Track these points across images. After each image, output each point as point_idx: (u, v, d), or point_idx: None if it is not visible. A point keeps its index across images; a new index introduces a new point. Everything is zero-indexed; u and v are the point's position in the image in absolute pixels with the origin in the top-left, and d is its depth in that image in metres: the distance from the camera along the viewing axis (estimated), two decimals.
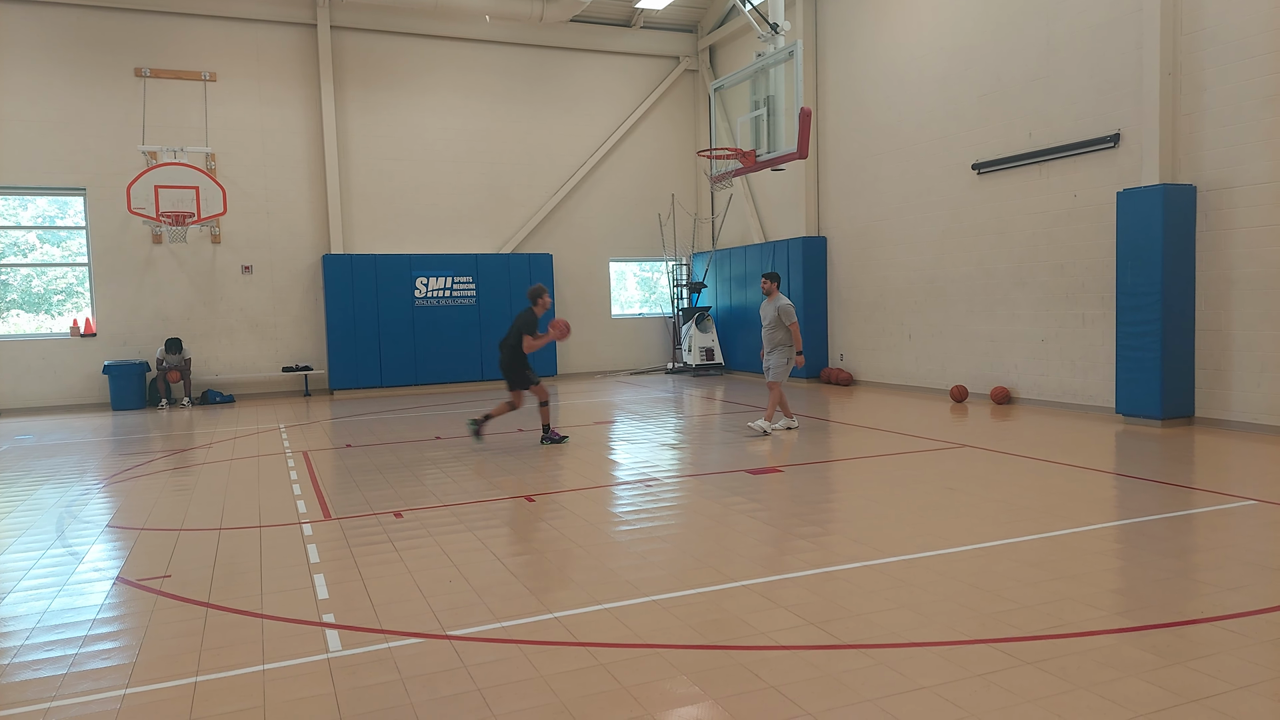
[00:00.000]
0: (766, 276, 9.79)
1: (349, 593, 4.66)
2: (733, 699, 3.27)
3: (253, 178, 15.61)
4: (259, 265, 15.74)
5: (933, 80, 12.72)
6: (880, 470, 7.61)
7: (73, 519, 6.64)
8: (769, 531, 5.73)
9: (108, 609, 4.55)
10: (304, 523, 6.26)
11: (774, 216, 16.78)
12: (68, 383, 14.67)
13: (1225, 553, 4.97)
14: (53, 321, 14.99)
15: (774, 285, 9.74)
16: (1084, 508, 6.05)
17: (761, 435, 9.57)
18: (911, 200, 13.29)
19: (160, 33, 14.93)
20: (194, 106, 15.15)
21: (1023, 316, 11.42)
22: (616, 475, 7.84)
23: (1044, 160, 10.92)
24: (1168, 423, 9.29)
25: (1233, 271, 8.95)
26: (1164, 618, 3.96)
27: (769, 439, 9.36)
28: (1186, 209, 9.22)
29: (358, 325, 15.81)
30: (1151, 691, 3.24)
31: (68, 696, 3.49)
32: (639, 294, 19.34)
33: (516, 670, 3.59)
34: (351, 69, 16.17)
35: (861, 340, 14.67)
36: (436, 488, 7.34)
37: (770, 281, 9.75)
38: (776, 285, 9.76)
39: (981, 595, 4.31)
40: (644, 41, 18.22)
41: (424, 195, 16.81)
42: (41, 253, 14.99)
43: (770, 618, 4.08)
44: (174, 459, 9.39)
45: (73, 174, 14.52)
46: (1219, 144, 9.00)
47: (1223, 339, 9.09)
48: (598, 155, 18.00)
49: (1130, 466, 7.52)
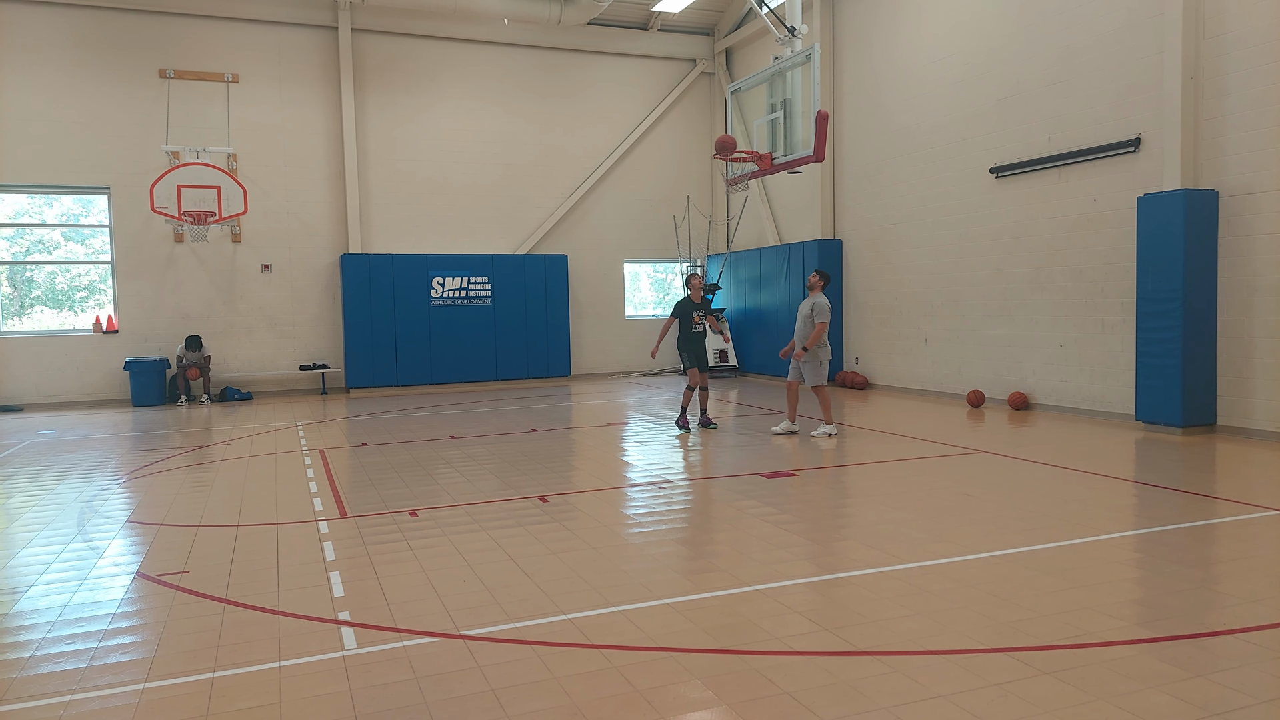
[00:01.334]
0: (818, 272, 9.71)
1: (364, 591, 4.68)
2: (746, 704, 3.27)
3: (273, 178, 15.74)
4: (278, 264, 15.87)
5: (950, 83, 12.65)
6: (896, 475, 7.57)
7: (93, 514, 6.72)
8: (783, 536, 5.71)
9: (127, 604, 4.60)
10: (320, 520, 6.30)
11: (790, 219, 16.74)
12: (89, 379, 14.84)
13: (1247, 563, 4.91)
14: (76, 318, 15.18)
15: (822, 283, 9.65)
16: (1103, 516, 5.99)
17: (827, 437, 9.53)
18: (929, 203, 13.23)
19: (183, 34, 15.09)
20: (216, 107, 15.30)
21: (1041, 322, 11.33)
22: (630, 477, 7.84)
23: (1063, 164, 10.83)
24: (1188, 430, 9.19)
25: (1256, 278, 8.84)
26: (1185, 629, 3.91)
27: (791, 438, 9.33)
28: (1208, 214, 9.12)
29: (374, 324, 15.90)
30: (1172, 704, 3.20)
31: (88, 690, 3.53)
32: (653, 295, 19.34)
33: (530, 671, 3.59)
34: (371, 71, 16.28)
35: (877, 344, 14.60)
36: (451, 487, 7.37)
37: (819, 278, 9.66)
38: (825, 284, 9.69)
39: (999, 603, 4.27)
40: (661, 44, 18.23)
41: (441, 196, 16.89)
42: (65, 250, 15.18)
43: (784, 623, 4.07)
44: (193, 455, 9.48)
45: (97, 173, 14.69)
46: (1242, 149, 8.90)
47: (1245, 346, 8.98)
48: (614, 157, 18.03)
49: (1150, 474, 7.44)
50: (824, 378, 9.64)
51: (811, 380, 9.63)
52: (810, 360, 9.59)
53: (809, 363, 9.61)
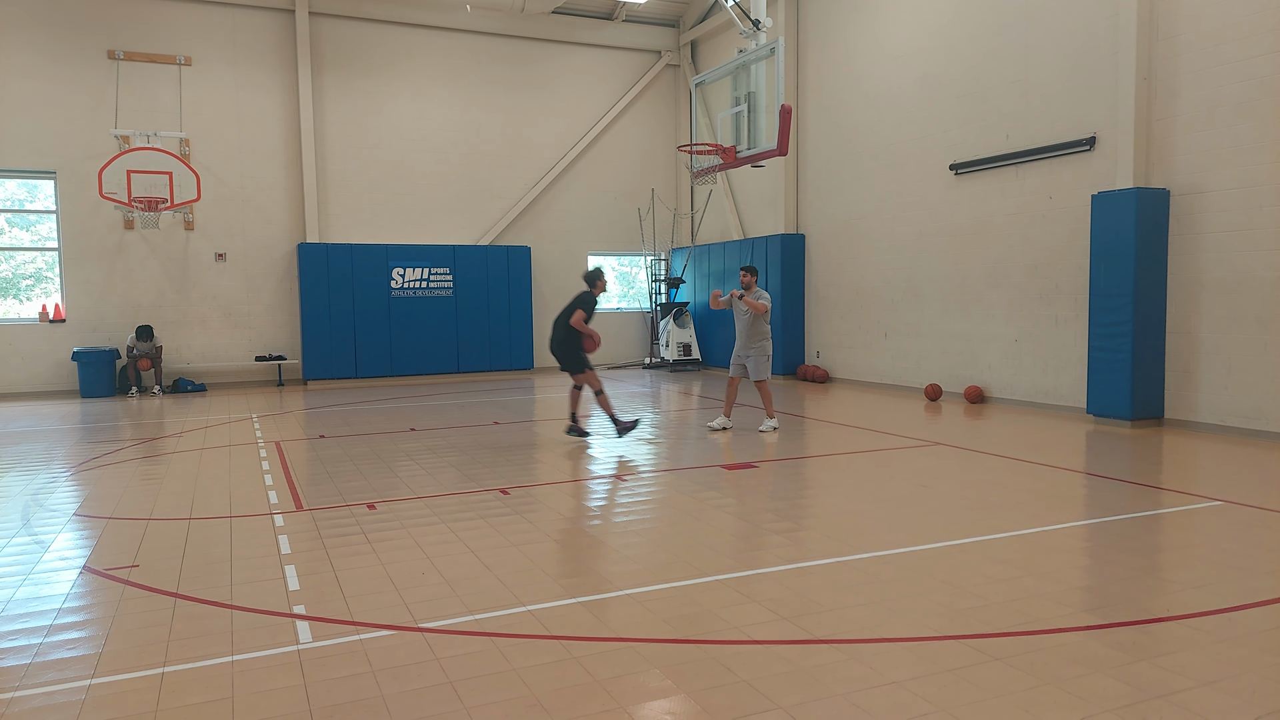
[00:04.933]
0: (745, 270, 9.57)
1: (320, 584, 4.62)
2: (705, 693, 3.28)
3: (227, 164, 15.40)
4: (233, 253, 15.54)
5: (912, 80, 12.80)
6: (854, 467, 7.66)
7: (39, 507, 6.52)
8: (743, 527, 5.75)
9: (74, 598, 4.47)
10: (275, 513, 6.20)
11: (753, 213, 16.82)
12: (35, 369, 14.41)
13: (1191, 552, 5.06)
14: (21, 307, 14.71)
15: (753, 279, 9.55)
16: (1054, 506, 6.13)
17: (773, 431, 9.45)
18: (890, 199, 13.38)
19: (134, 14, 14.66)
20: (168, 90, 14.91)
21: (997, 317, 11.54)
22: (592, 469, 7.83)
23: (1021, 162, 11.03)
24: (1137, 423, 9.43)
25: (1203, 275, 9.10)
26: (1130, 615, 4.02)
27: (739, 433, 9.38)
28: (1159, 212, 9.35)
29: (333, 315, 15.66)
30: (1117, 687, 3.29)
31: (31, 686, 3.43)
32: (617, 288, 19.31)
33: (488, 663, 3.57)
34: (330, 56, 15.99)
35: (838, 338, 14.76)
36: (410, 479, 7.29)
37: (749, 275, 9.53)
38: (755, 279, 9.62)
39: (952, 591, 4.35)
40: (626, 35, 18.17)
41: (402, 185, 16.67)
42: (10, 237, 14.69)
43: (743, 612, 4.10)
44: (144, 447, 9.25)
45: (43, 157, 14.23)
46: (1191, 149, 9.14)
47: (1192, 341, 9.24)
48: (578, 148, 17.94)
49: (1099, 466, 7.63)
50: (768, 372, 9.55)
51: (756, 374, 9.51)
52: (757, 354, 9.49)
53: (755, 357, 9.47)
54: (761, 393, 9.59)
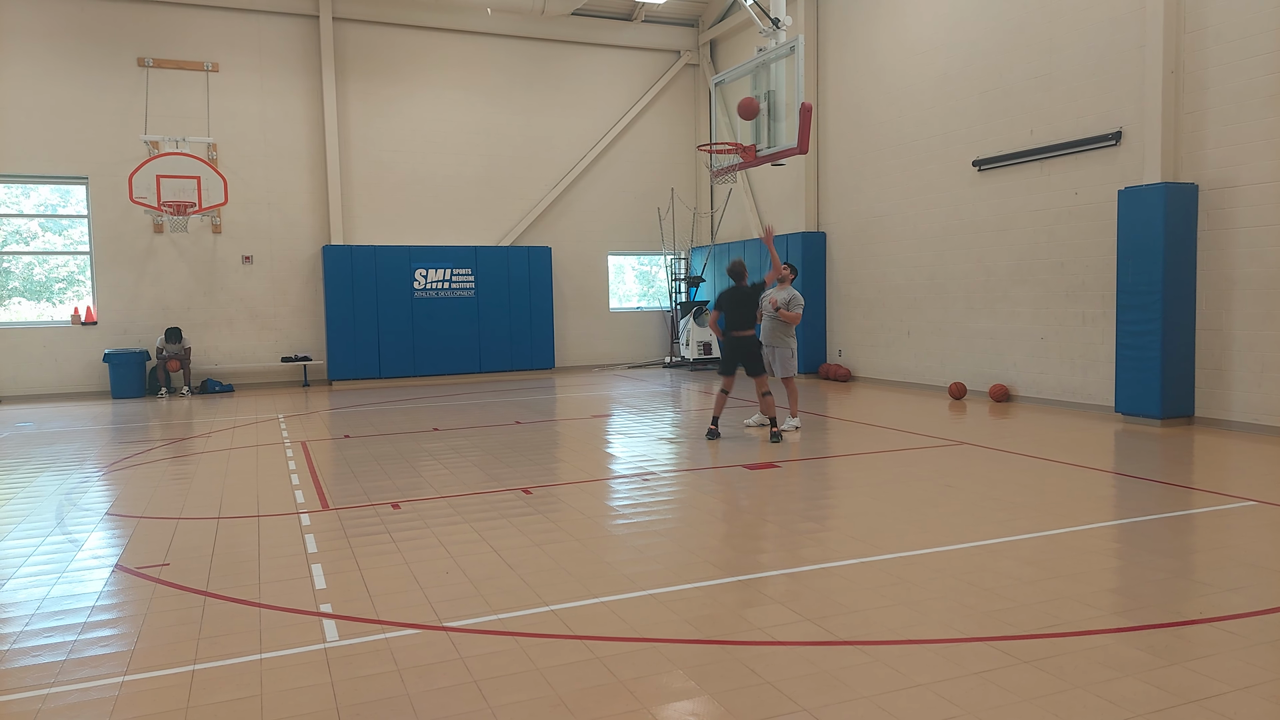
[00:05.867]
0: (787, 265, 9.62)
1: (346, 583, 4.66)
2: (729, 694, 3.28)
3: (254, 168, 15.59)
4: (259, 255, 15.73)
5: (934, 77, 12.69)
6: (878, 467, 7.61)
7: (72, 506, 6.65)
8: (766, 527, 5.73)
9: (106, 596, 4.55)
10: (302, 513, 6.27)
11: (773, 211, 16.76)
12: (68, 371, 14.67)
13: (1224, 553, 4.98)
14: (54, 309, 14.99)
15: (793, 275, 9.55)
16: (1082, 507, 6.05)
17: (794, 430, 9.41)
18: (912, 196, 13.28)
19: (163, 23, 14.89)
20: (196, 97, 15.12)
21: (1022, 314, 11.41)
22: (613, 469, 7.84)
23: (1045, 158, 10.90)
24: (1167, 422, 9.29)
25: (1234, 271, 8.94)
26: (1162, 618, 3.96)
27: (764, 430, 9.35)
28: (1188, 208, 9.21)
29: (357, 316, 15.80)
30: (1149, 692, 3.24)
31: (66, 683, 3.49)
32: (637, 288, 19.32)
33: (513, 662, 3.59)
34: (353, 61, 16.13)
35: (860, 336, 14.66)
36: (434, 479, 7.34)
37: (790, 271, 9.59)
38: (794, 276, 9.62)
39: (979, 593, 4.31)
40: (645, 35, 18.17)
41: (424, 187, 16.79)
42: (43, 241, 14.98)
43: (767, 613, 4.08)
44: (173, 448, 9.39)
45: (75, 163, 14.49)
46: (1221, 143, 8.98)
47: (1223, 339, 9.08)
48: (598, 148, 17.97)
49: (1129, 466, 7.53)
50: (794, 369, 9.55)
51: (781, 372, 9.52)
52: (782, 350, 9.50)
53: (781, 353, 9.50)
54: (789, 390, 9.61)
